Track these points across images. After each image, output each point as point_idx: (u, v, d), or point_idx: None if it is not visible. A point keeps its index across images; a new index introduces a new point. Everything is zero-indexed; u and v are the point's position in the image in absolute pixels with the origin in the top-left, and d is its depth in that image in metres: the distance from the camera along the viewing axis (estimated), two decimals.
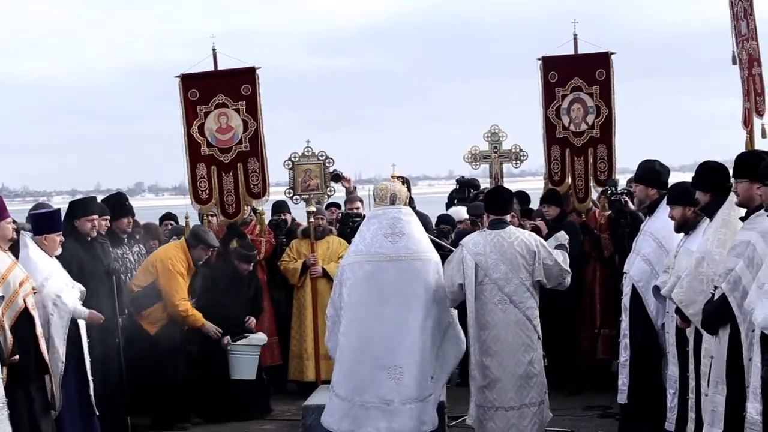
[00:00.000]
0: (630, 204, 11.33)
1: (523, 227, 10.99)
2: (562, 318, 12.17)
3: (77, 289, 10.05)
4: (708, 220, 8.33)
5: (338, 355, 9.63)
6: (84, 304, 10.08)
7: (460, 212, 13.99)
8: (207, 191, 12.82)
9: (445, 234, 13.13)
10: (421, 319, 9.45)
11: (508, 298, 9.54)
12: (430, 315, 9.51)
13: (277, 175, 13.39)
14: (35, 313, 9.27)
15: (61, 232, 10.08)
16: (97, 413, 10.25)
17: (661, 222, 9.60)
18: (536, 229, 11.87)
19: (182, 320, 11.80)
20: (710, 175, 8.36)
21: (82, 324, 10.03)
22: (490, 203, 10.05)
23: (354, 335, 9.54)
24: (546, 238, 10.11)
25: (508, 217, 9.89)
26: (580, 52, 13.05)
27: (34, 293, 9.31)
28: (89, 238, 10.82)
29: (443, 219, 13.98)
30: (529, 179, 20.14)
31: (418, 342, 9.41)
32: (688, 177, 8.96)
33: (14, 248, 9.62)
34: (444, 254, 10.40)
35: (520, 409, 9.60)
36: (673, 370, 9.04)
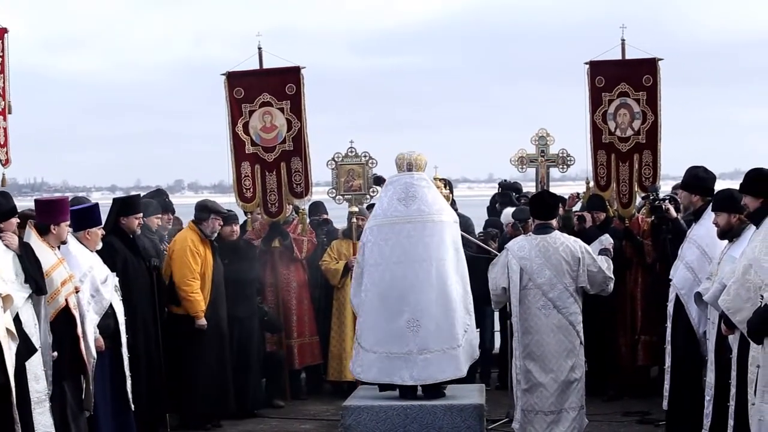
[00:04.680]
0: (672, 211, 11.23)
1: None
2: (601, 323, 12.09)
3: (111, 283, 9.94)
4: (753, 227, 8.24)
5: (361, 310, 10.39)
6: (124, 299, 10.12)
7: (510, 215, 13.75)
8: (251, 189, 12.85)
9: (493, 237, 12.98)
10: (436, 276, 10.07)
11: (551, 303, 9.58)
12: (451, 270, 10.11)
13: (319, 175, 13.44)
14: (77, 314, 9.28)
15: (101, 226, 10.10)
16: (133, 408, 10.23)
17: (704, 229, 9.56)
18: (582, 220, 11.94)
19: (182, 299, 11.44)
20: (763, 181, 8.23)
21: (121, 319, 10.01)
22: (535, 208, 10.05)
23: (374, 292, 10.27)
24: (589, 242, 10.08)
25: (553, 222, 9.88)
26: (627, 57, 12.97)
27: (77, 293, 9.33)
28: (131, 235, 10.86)
29: (491, 224, 13.81)
30: (569, 184, 19.94)
31: (435, 296, 10.02)
32: (728, 185, 8.87)
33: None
34: (480, 257, 10.47)
35: (560, 413, 9.62)
36: (710, 377, 8.98)
